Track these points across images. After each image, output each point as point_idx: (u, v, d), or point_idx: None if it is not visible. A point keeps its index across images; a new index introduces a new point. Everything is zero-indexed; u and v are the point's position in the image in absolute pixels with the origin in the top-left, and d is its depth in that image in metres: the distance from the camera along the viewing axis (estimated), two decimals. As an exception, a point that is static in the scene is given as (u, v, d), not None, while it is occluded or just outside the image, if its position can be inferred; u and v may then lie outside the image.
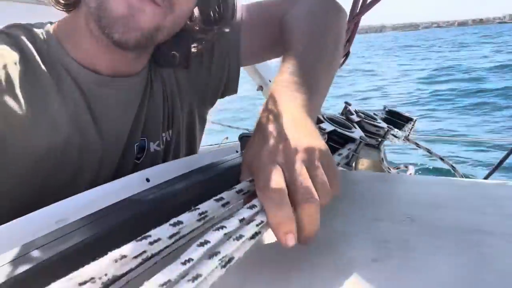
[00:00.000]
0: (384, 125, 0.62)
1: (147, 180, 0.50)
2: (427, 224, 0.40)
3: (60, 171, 0.53)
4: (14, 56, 0.50)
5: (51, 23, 0.57)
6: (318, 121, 0.49)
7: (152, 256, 0.25)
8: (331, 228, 0.41)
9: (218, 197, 0.32)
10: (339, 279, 0.31)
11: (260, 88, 1.18)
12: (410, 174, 0.78)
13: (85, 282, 0.20)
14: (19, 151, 0.49)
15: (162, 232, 0.26)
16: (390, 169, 0.72)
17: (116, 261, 0.22)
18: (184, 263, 0.23)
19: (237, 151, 0.68)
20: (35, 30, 0.54)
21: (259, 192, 0.33)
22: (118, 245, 0.24)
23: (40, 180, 0.52)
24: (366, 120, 0.59)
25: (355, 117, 0.57)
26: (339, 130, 0.47)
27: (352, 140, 0.47)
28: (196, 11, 0.60)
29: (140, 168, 0.59)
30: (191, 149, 0.72)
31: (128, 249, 0.24)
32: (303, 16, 0.60)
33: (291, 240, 0.31)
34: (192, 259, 0.23)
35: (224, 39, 0.65)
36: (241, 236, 0.27)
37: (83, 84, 0.53)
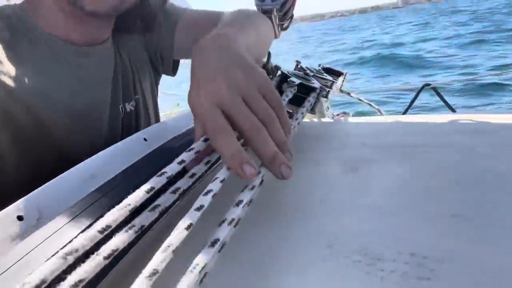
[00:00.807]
0: (330, 77, 0.75)
1: (145, 139, 0.57)
2: (376, 145, 0.54)
3: (64, 136, 0.57)
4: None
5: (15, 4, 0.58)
6: (285, 77, 0.59)
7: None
8: (312, 157, 0.53)
9: (179, 159, 0.32)
10: (328, 187, 0.44)
11: None
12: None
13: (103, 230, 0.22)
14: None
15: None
16: (334, 115, 0.87)
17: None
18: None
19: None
20: (7, 11, 0.55)
21: (209, 137, 0.35)
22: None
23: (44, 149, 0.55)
24: (317, 75, 0.71)
25: (309, 72, 0.68)
26: (304, 82, 0.58)
27: (314, 89, 0.59)
28: None
29: (124, 127, 0.65)
30: (156, 110, 0.79)
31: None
32: (234, 11, 0.65)
33: (248, 169, 0.31)
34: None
35: (163, 25, 0.71)
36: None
37: (65, 56, 0.58)
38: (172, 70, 0.79)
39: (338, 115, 0.93)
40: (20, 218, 0.37)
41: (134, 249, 0.31)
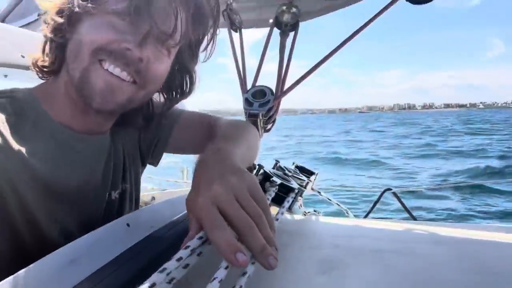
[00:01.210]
0: (305, 178, 0.81)
1: (128, 225, 0.58)
2: (347, 249, 0.58)
3: (45, 219, 0.57)
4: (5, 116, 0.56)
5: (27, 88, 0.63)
6: (268, 176, 0.64)
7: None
8: (288, 255, 0.56)
9: (177, 256, 0.35)
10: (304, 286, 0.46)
11: None
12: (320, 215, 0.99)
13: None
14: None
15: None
16: (305, 213, 0.91)
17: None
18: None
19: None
20: (18, 94, 0.60)
21: (207, 232, 0.39)
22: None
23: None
24: (294, 175, 0.78)
25: (287, 172, 0.74)
26: (285, 183, 0.63)
27: (293, 190, 0.64)
28: None
29: (106, 215, 0.66)
30: (137, 197, 0.80)
31: None
32: (227, 123, 0.75)
33: (240, 257, 0.36)
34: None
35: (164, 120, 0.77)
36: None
37: (62, 140, 0.61)
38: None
39: (309, 212, 0.98)
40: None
41: None
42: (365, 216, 1.48)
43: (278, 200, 0.62)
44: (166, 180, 1.35)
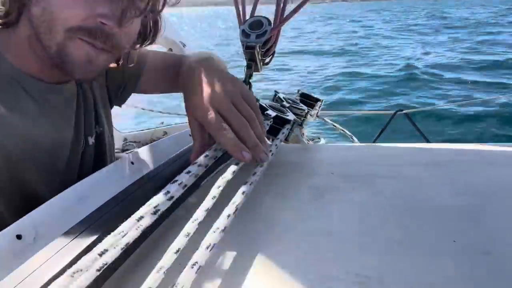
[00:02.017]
0: (304, 107, 0.82)
1: (132, 163, 0.62)
2: (342, 174, 0.61)
3: (33, 171, 0.60)
4: None
5: None
6: (263, 109, 0.65)
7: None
8: (283, 183, 0.59)
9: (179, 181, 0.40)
10: (294, 212, 0.50)
11: (170, 50, 1.24)
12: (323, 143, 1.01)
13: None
14: None
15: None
16: (308, 141, 0.93)
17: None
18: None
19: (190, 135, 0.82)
20: None
21: (213, 134, 0.50)
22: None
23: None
24: (293, 106, 0.78)
25: (285, 103, 0.75)
26: (280, 115, 0.65)
27: (288, 121, 0.66)
28: None
29: (84, 159, 0.70)
30: (112, 139, 0.83)
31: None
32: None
33: (247, 155, 0.48)
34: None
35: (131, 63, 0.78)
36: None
37: (33, 92, 0.61)
38: None
39: (312, 139, 1.00)
40: (19, 237, 0.41)
41: (123, 267, 0.36)
42: (374, 141, 1.47)
43: (273, 132, 0.63)
44: (177, 114, 1.38)
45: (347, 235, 0.42)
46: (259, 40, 0.80)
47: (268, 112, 0.63)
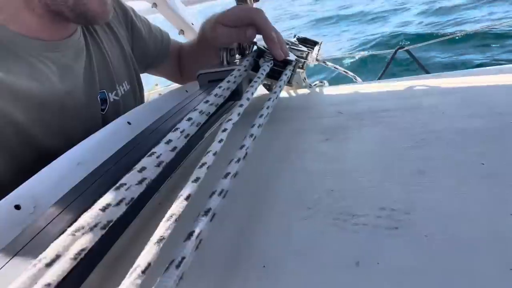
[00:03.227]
0: (305, 49, 0.76)
1: (129, 123, 0.58)
2: (350, 113, 0.57)
3: (42, 133, 0.57)
4: None
5: None
6: (262, 52, 0.61)
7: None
8: (291, 127, 0.56)
9: (166, 139, 0.36)
10: (306, 154, 0.47)
11: (182, 32, 1.22)
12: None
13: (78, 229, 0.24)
14: None
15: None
16: (311, 85, 0.89)
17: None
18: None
19: (186, 91, 0.77)
20: None
21: (264, 28, 0.60)
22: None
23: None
24: (292, 47, 0.73)
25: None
26: (280, 56, 0.60)
27: (290, 62, 0.61)
28: None
29: (106, 118, 0.66)
30: (141, 97, 0.81)
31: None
32: None
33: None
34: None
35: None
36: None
37: (33, 52, 0.57)
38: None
39: (315, 84, 0.96)
40: (17, 207, 0.39)
41: (136, 220, 0.34)
42: (379, 79, 1.43)
43: (274, 75, 0.59)
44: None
45: (365, 171, 0.40)
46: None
47: (267, 53, 0.59)
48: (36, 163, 0.55)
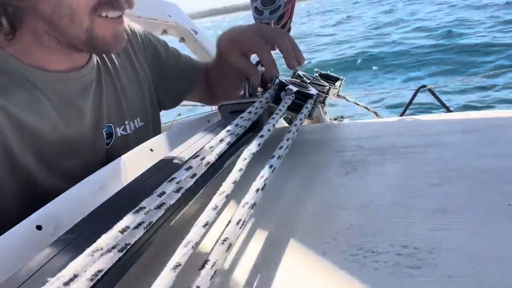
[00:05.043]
0: (326, 84, 0.78)
1: (151, 150, 0.60)
2: (372, 148, 0.57)
3: (36, 163, 0.57)
4: None
5: None
6: (283, 85, 0.62)
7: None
8: (311, 160, 0.56)
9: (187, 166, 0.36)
10: (326, 188, 0.46)
11: (182, 40, 1.22)
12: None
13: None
14: None
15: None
16: (331, 120, 0.89)
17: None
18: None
19: (208, 121, 0.79)
20: None
21: (259, 54, 0.64)
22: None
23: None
24: (314, 82, 0.74)
25: (306, 79, 0.71)
26: (301, 90, 0.61)
27: (311, 96, 0.62)
28: None
29: (111, 152, 0.67)
30: (158, 131, 0.81)
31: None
32: None
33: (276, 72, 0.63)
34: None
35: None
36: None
37: (40, 84, 0.58)
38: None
39: (335, 119, 0.96)
40: (39, 227, 0.39)
41: (152, 245, 0.34)
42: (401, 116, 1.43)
43: (295, 109, 0.60)
44: (192, 105, 1.35)
45: (386, 207, 0.39)
46: (272, 16, 0.76)
47: (289, 87, 0.60)
48: (31, 197, 0.55)
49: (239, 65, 0.68)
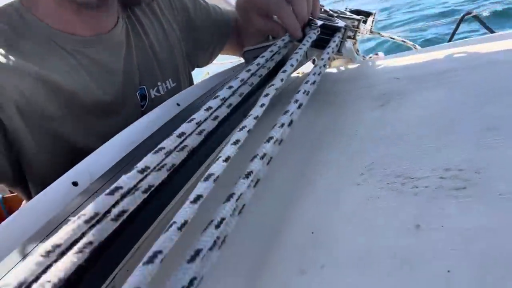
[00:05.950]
0: (357, 16, 0.72)
1: (178, 104, 0.59)
2: (409, 77, 0.52)
3: (72, 128, 0.57)
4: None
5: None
6: (308, 20, 0.58)
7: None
8: (341, 97, 0.52)
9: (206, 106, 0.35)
10: (358, 121, 0.43)
11: None
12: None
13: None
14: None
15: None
16: (364, 57, 0.84)
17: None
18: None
19: (233, 72, 0.77)
20: (8, 10, 0.57)
21: (277, 13, 0.55)
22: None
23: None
24: (342, 15, 0.69)
25: (333, 13, 0.66)
26: (327, 23, 0.56)
27: (339, 29, 0.57)
28: None
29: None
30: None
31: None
32: None
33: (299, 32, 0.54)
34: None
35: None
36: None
37: (71, 48, 0.58)
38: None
39: (370, 57, 0.90)
40: (75, 183, 0.40)
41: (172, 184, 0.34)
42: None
43: (322, 45, 0.56)
44: (221, 63, 1.32)
45: (426, 133, 0.36)
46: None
47: (314, 21, 0.55)
48: (66, 158, 0.56)
49: (262, 28, 0.61)
